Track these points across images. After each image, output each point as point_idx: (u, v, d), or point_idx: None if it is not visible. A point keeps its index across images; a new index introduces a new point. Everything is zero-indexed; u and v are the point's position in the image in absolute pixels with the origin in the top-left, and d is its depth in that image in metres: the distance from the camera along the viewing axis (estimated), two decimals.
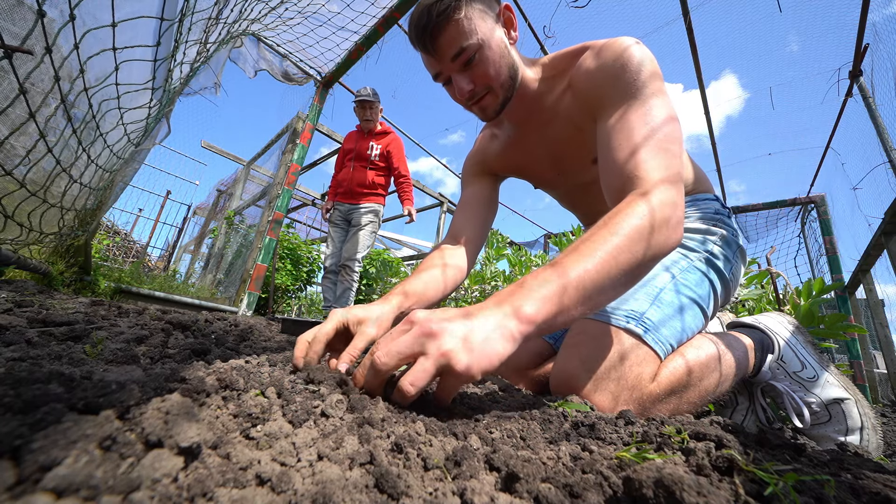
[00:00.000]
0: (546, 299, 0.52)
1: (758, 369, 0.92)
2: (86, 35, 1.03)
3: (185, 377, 0.44)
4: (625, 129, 0.72)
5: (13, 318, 0.83)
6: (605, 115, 0.77)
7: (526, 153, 1.05)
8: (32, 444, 0.24)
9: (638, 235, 0.59)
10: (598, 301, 0.58)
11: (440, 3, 0.78)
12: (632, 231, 0.59)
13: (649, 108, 0.73)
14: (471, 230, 1.06)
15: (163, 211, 8.18)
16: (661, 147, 0.69)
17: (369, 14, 2.68)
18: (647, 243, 0.60)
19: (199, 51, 1.81)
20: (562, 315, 0.54)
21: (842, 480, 0.38)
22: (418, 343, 0.47)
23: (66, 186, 1.34)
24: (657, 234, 0.61)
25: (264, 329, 1.54)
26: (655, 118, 0.72)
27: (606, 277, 0.56)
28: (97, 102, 1.24)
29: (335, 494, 0.27)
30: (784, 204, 4.55)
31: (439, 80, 0.90)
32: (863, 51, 2.96)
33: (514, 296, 0.53)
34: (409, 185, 3.37)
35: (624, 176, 0.69)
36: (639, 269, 0.61)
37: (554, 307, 0.53)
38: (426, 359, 0.46)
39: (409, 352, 0.47)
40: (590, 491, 0.32)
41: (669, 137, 0.71)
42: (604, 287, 0.57)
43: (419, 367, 0.46)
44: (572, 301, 0.54)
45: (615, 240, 0.58)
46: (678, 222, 0.65)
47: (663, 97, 0.75)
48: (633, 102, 0.74)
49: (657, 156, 0.68)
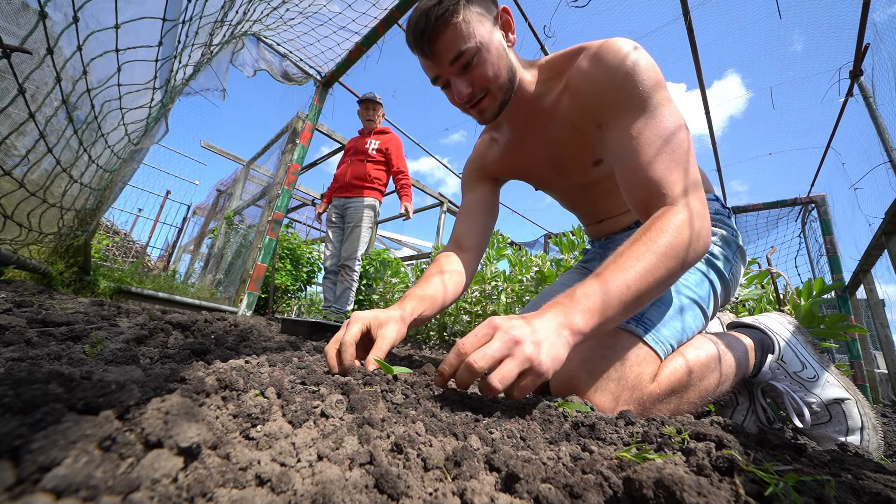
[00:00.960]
0: (592, 311, 0.60)
1: (758, 369, 0.92)
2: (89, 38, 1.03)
3: (185, 377, 0.44)
4: (641, 145, 0.74)
5: (13, 319, 0.83)
6: (614, 126, 0.79)
7: (525, 155, 1.05)
8: (32, 444, 0.24)
9: (672, 252, 0.66)
10: (635, 310, 0.65)
11: (438, 6, 0.78)
12: (667, 248, 0.65)
13: (660, 119, 0.75)
14: (473, 237, 1.08)
15: (162, 211, 8.18)
16: (679, 159, 0.73)
17: (370, 14, 2.67)
18: (680, 259, 0.66)
19: (204, 53, 1.81)
20: (606, 324, 0.62)
21: (842, 481, 0.37)
22: (506, 347, 0.54)
23: (66, 186, 1.34)
24: (691, 248, 0.67)
25: (264, 329, 1.54)
26: (668, 130, 0.74)
27: (644, 291, 0.63)
28: (99, 104, 1.24)
29: (335, 495, 0.27)
30: (784, 204, 4.54)
31: (438, 84, 0.90)
32: (863, 51, 2.95)
33: (567, 308, 0.60)
34: (407, 181, 3.36)
35: (649, 192, 0.73)
36: (671, 281, 0.68)
37: (599, 318, 0.60)
38: (512, 360, 0.53)
39: (500, 355, 0.54)
40: (590, 491, 0.32)
41: (684, 147, 0.74)
42: (641, 300, 0.64)
43: (507, 367, 0.53)
44: (615, 312, 0.62)
45: (651, 257, 0.64)
46: (707, 232, 0.71)
47: (670, 105, 0.76)
48: (643, 114, 0.75)
49: (676, 169, 0.73)
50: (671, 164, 0.73)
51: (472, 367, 0.53)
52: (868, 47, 2.93)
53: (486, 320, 0.60)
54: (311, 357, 0.79)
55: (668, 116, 0.75)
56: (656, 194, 0.72)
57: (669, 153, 0.73)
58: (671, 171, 0.72)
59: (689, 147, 0.75)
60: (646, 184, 0.73)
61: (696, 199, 0.71)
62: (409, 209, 3.40)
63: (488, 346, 0.55)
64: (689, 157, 0.74)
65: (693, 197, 0.71)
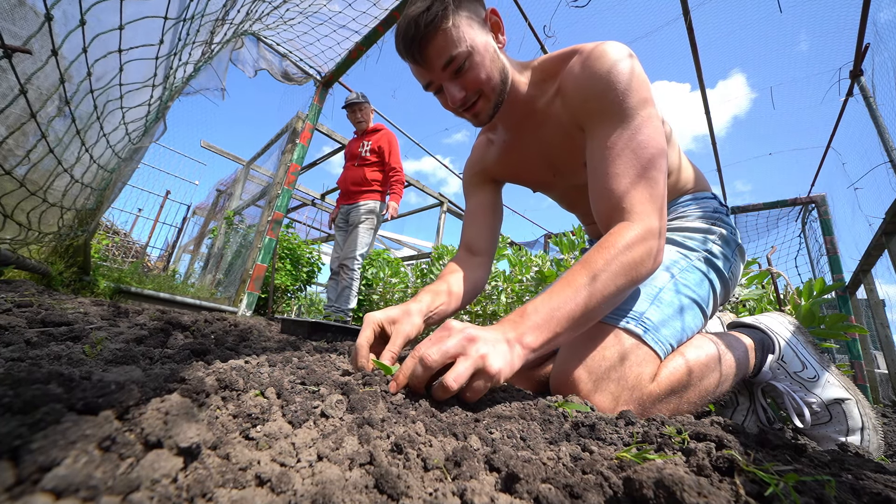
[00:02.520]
0: (541, 328, 0.61)
1: (758, 369, 0.92)
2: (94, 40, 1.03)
3: (185, 377, 0.44)
4: (611, 156, 0.75)
5: (12, 319, 0.83)
6: (593, 134, 0.79)
7: (521, 157, 1.05)
8: (32, 444, 0.24)
9: (622, 271, 0.67)
10: (585, 325, 0.67)
11: (427, 13, 0.78)
12: (618, 267, 0.66)
13: (637, 132, 0.75)
14: (482, 240, 1.09)
15: (162, 211, 8.16)
16: (646, 176, 0.73)
17: (370, 14, 2.67)
18: (630, 277, 0.68)
19: (204, 51, 1.81)
20: (554, 339, 0.63)
21: (842, 481, 0.37)
22: (460, 345, 0.54)
23: (66, 186, 1.34)
24: (640, 266, 0.68)
25: (264, 329, 1.54)
26: (642, 145, 0.74)
27: (592, 308, 0.65)
28: (101, 103, 1.24)
29: (335, 495, 0.27)
30: (784, 204, 4.54)
31: (430, 90, 0.90)
32: (863, 50, 2.95)
33: (517, 324, 0.62)
34: (399, 177, 3.33)
35: (611, 204, 0.74)
36: (621, 297, 0.69)
37: (547, 334, 0.62)
38: (466, 359, 0.53)
39: (453, 351, 0.54)
40: (590, 491, 0.32)
41: (655, 165, 0.74)
42: (589, 315, 0.65)
43: (460, 366, 0.52)
44: (563, 328, 0.63)
45: (602, 275, 0.66)
46: (659, 251, 0.72)
47: (651, 120, 0.76)
48: (620, 127, 0.75)
49: (640, 185, 0.73)
50: (638, 180, 0.72)
51: (425, 361, 0.53)
52: (868, 47, 2.93)
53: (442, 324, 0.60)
54: (311, 357, 0.79)
55: (645, 131, 0.75)
56: (617, 208, 0.73)
57: (639, 168, 0.73)
58: (636, 186, 0.72)
59: (661, 167, 0.75)
60: (608, 195, 0.74)
61: (656, 219, 0.71)
62: (394, 208, 3.31)
63: (442, 344, 0.55)
64: (659, 175, 0.74)
65: (653, 216, 0.71)
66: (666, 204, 0.75)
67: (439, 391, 0.52)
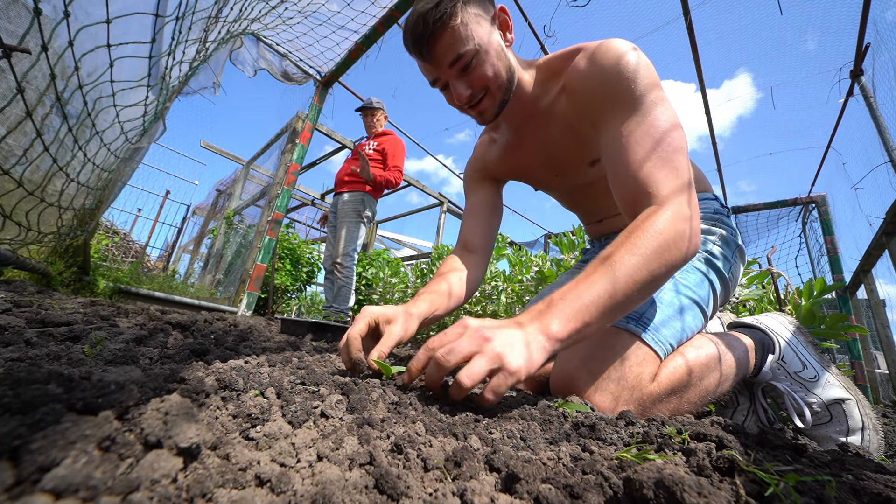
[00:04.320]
0: (569, 317, 0.58)
1: (758, 369, 0.92)
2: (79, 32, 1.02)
3: (185, 377, 0.44)
4: (631, 144, 0.73)
5: (12, 319, 0.83)
6: (607, 126, 0.78)
7: (524, 155, 1.05)
8: (31, 444, 0.24)
9: (654, 255, 0.63)
10: (618, 315, 0.63)
11: (435, 9, 0.78)
12: (649, 251, 0.63)
13: (653, 119, 0.73)
14: (479, 238, 1.08)
15: (162, 211, 8.17)
16: (668, 158, 0.71)
17: (369, 13, 2.67)
18: (663, 260, 0.64)
19: (199, 49, 1.81)
20: (584, 329, 0.60)
21: (843, 481, 0.37)
22: (475, 344, 0.53)
23: (62, 185, 1.34)
24: (674, 249, 0.64)
25: (264, 329, 1.53)
26: (660, 129, 0.72)
27: (626, 296, 0.61)
28: (92, 100, 1.23)
29: (335, 495, 0.27)
30: (785, 204, 4.54)
31: (437, 86, 0.90)
32: (864, 50, 2.95)
33: (543, 314, 0.59)
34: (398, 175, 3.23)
35: (635, 190, 0.71)
36: (656, 284, 0.65)
37: (576, 324, 0.59)
38: (481, 357, 0.52)
39: (468, 351, 0.53)
40: (590, 492, 0.32)
41: (675, 147, 0.72)
42: (623, 305, 0.62)
43: (475, 364, 0.51)
44: (593, 318, 0.60)
45: (633, 259, 0.62)
46: (694, 233, 0.68)
47: (664, 105, 0.75)
48: (635, 115, 0.74)
49: (665, 168, 0.70)
50: (660, 164, 0.70)
51: (439, 361, 0.52)
52: (868, 47, 2.93)
53: (458, 320, 0.59)
54: (311, 357, 0.79)
55: (661, 116, 0.74)
56: (643, 193, 0.70)
57: (659, 152, 0.71)
58: (660, 169, 0.70)
59: (682, 147, 0.73)
60: (633, 182, 0.72)
61: (685, 200, 0.68)
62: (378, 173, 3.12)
63: (457, 343, 0.54)
64: (681, 157, 0.72)
65: (682, 198, 0.68)
66: (693, 181, 0.72)
67: (454, 391, 0.52)
